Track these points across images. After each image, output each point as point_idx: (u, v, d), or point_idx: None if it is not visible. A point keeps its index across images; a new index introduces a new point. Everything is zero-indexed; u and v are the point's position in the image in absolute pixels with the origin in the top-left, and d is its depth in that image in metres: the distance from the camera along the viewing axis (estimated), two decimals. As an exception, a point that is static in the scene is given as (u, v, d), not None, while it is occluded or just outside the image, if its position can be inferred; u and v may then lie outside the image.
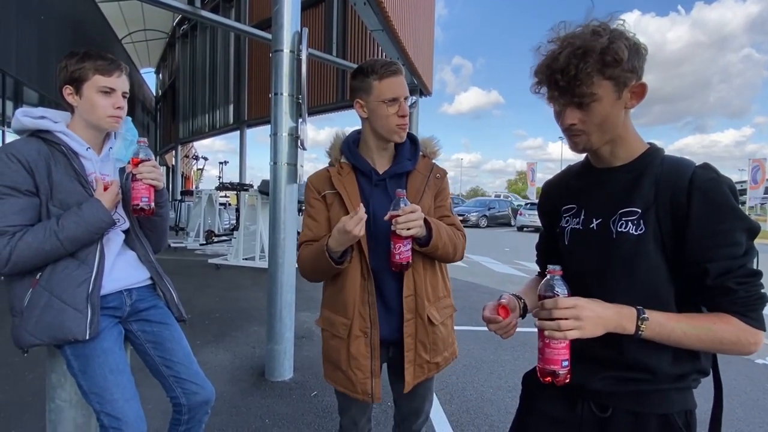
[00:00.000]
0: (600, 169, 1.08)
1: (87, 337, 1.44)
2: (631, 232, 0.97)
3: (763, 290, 0.92)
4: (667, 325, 0.92)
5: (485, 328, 1.08)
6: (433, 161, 1.55)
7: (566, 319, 0.90)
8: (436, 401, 2.95)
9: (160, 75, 29.65)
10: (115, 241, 1.60)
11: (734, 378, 3.54)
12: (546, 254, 1.28)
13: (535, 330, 0.96)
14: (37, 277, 1.44)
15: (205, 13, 4.85)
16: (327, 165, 1.56)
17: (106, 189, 1.49)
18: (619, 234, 0.99)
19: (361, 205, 1.29)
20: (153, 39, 24.25)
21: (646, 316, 0.92)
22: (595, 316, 0.91)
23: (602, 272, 1.01)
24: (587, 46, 0.91)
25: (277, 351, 3.25)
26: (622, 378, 1.00)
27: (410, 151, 1.51)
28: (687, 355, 0.97)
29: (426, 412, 1.64)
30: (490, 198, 30.14)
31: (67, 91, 1.51)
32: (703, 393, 1.05)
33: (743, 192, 24.57)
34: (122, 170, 1.65)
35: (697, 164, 0.97)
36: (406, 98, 1.40)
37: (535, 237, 1.34)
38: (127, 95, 1.57)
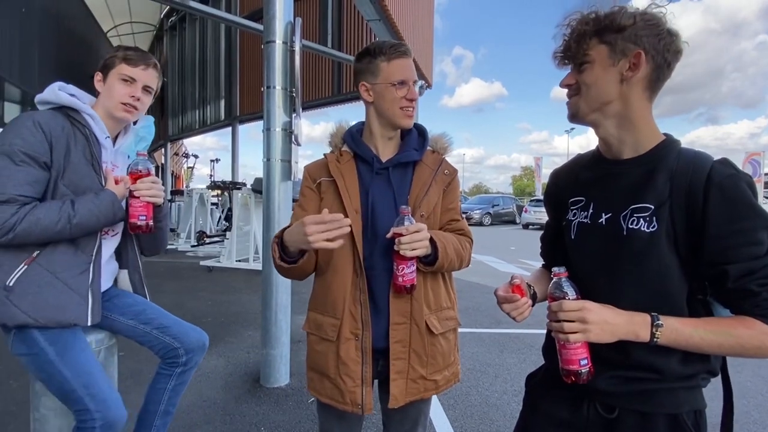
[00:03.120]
0: (610, 161, 1.06)
1: (89, 324, 1.51)
2: (642, 229, 0.96)
3: None
4: (683, 331, 0.92)
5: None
6: (444, 158, 1.49)
7: (571, 321, 0.93)
8: (438, 406, 2.95)
9: (148, 69, 29.55)
10: (106, 246, 1.65)
11: (749, 379, 3.55)
12: (551, 247, 1.27)
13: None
14: (34, 255, 1.46)
15: (194, 4, 4.84)
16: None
17: (117, 183, 1.55)
18: (630, 231, 0.98)
19: (345, 218, 1.17)
20: (140, 32, 24.15)
21: (660, 322, 0.92)
22: (603, 322, 0.92)
23: (611, 269, 1.01)
24: (597, 12, 0.97)
25: (273, 356, 3.25)
26: (628, 377, 1.00)
27: (417, 142, 1.46)
28: (697, 356, 0.96)
29: None
30: (494, 195, 30.15)
31: (98, 77, 1.62)
32: (713, 394, 1.05)
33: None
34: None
35: (715, 159, 0.95)
36: (414, 82, 1.37)
37: (541, 235, 1.34)
38: (152, 91, 1.67)
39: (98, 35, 16.72)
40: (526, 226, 20.54)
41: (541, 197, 23.78)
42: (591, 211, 1.07)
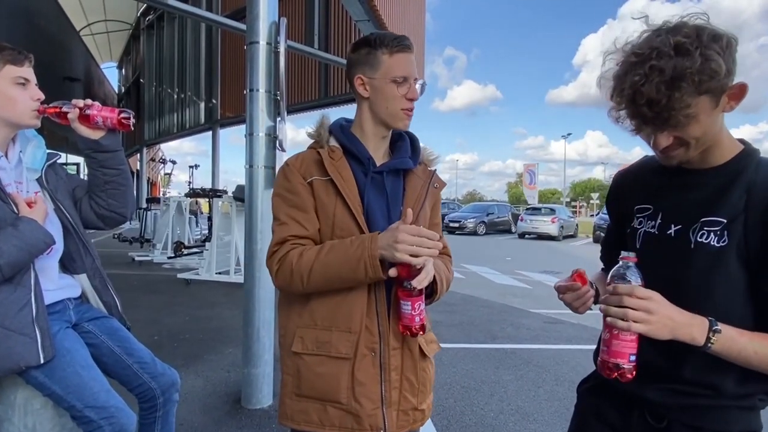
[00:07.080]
0: (685, 170, 1.05)
1: (42, 362, 1.44)
2: (712, 243, 0.98)
3: None
4: (738, 341, 0.93)
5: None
6: (433, 170, 1.46)
7: (636, 310, 0.92)
8: (432, 428, 2.94)
9: (123, 70, 29.45)
10: (45, 269, 1.58)
11: None
12: (613, 250, 1.25)
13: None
14: None
15: (173, 2, 4.83)
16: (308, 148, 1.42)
17: (31, 206, 1.47)
18: (698, 244, 0.99)
19: (437, 240, 1.16)
20: (115, 31, 24.10)
21: (718, 328, 0.92)
22: (667, 317, 0.92)
23: (677, 283, 1.02)
24: (679, 70, 0.88)
25: (255, 375, 3.21)
26: (678, 391, 1.02)
27: (410, 150, 1.42)
28: (755, 376, 0.97)
29: None
30: (488, 203, 30.35)
31: None
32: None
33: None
34: (38, 180, 1.64)
35: None
36: (416, 80, 1.32)
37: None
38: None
39: (70, 34, 16.65)
40: (522, 236, 20.62)
41: (536, 205, 23.77)
42: (659, 221, 1.08)
